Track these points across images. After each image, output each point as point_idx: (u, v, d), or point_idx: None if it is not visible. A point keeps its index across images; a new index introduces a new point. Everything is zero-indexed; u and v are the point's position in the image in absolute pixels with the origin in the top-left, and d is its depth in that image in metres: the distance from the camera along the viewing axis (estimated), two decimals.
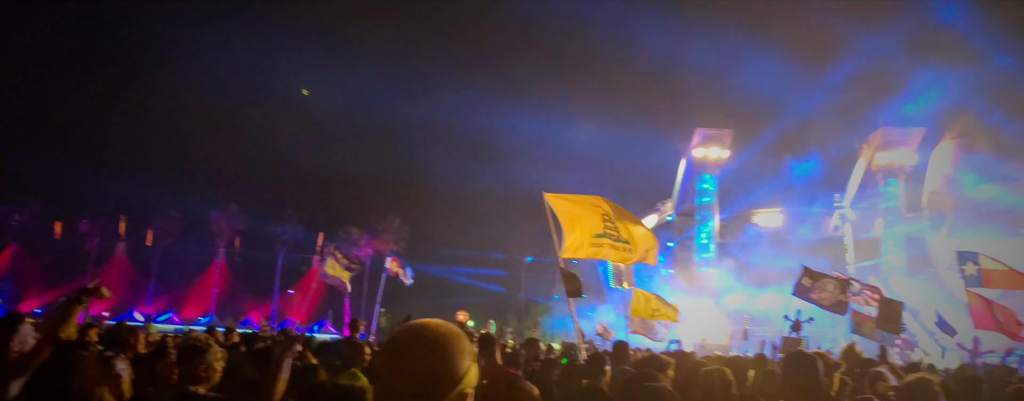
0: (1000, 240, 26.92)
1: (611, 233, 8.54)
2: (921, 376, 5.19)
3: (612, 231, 8.52)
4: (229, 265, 41.62)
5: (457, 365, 1.47)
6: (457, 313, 29.06)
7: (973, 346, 14.08)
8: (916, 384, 4.94)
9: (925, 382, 4.84)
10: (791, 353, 3.92)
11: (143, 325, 14.36)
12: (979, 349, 13.89)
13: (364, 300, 38.87)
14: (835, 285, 12.36)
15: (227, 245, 41.48)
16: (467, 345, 1.51)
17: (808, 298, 12.38)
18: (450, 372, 1.46)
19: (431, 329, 1.51)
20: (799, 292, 12.47)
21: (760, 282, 28.87)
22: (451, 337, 1.50)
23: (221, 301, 39.73)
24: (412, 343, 1.48)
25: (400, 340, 1.50)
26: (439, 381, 1.44)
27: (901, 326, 11.58)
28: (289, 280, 41.66)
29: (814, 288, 12.41)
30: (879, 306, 11.43)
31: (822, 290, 12.40)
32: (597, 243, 8.44)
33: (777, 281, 26.41)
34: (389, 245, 38.92)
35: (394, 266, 25.93)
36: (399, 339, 1.51)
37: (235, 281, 41.07)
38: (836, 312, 12.36)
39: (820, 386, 3.57)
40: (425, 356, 1.46)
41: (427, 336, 1.48)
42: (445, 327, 1.52)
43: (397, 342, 1.50)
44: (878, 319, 11.43)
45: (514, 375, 5.18)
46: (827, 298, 12.31)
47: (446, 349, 1.47)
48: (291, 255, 41.61)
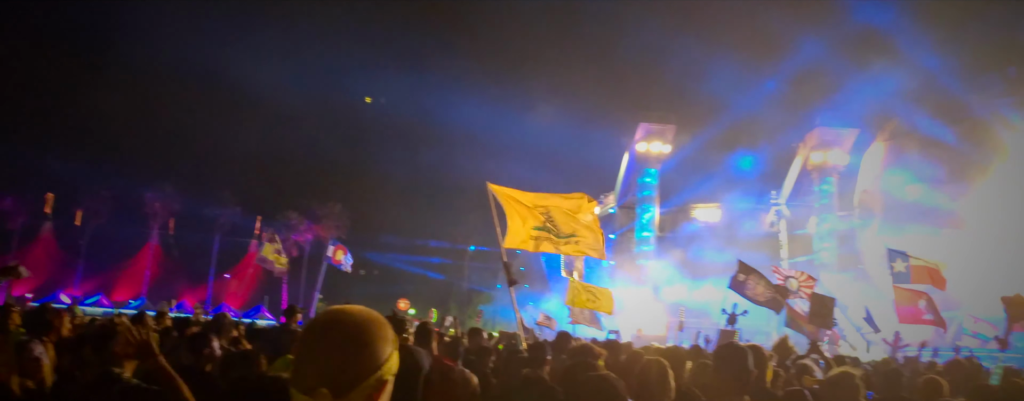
0: (923, 238, 28.15)
1: (550, 228, 8.60)
2: (844, 369, 5.43)
3: (552, 227, 8.58)
4: (163, 247, 40.46)
5: (376, 352, 1.45)
6: (398, 301, 28.92)
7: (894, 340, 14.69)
8: (839, 377, 5.18)
9: (847, 376, 5.08)
10: (723, 345, 4.01)
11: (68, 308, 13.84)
12: (900, 343, 14.50)
13: (303, 287, 38.31)
14: (768, 284, 12.71)
15: (161, 227, 40.31)
16: (388, 332, 1.49)
17: (743, 293, 12.69)
18: (368, 359, 1.43)
19: (350, 315, 1.48)
20: (734, 286, 12.77)
21: (698, 275, 29.55)
22: (371, 323, 1.47)
23: (154, 284, 38.64)
24: (329, 329, 1.45)
25: (317, 326, 1.47)
26: (356, 368, 1.42)
27: (832, 321, 11.95)
28: (225, 264, 40.75)
29: (748, 283, 12.73)
30: (811, 302, 11.79)
31: (756, 286, 12.74)
32: (536, 236, 8.50)
33: (714, 274, 27.03)
34: (330, 231, 38.40)
35: (338, 254, 25.52)
36: (316, 325, 1.48)
37: (169, 264, 39.96)
38: (770, 308, 12.72)
39: (749, 377, 3.65)
40: (342, 342, 1.43)
41: (345, 322, 1.46)
42: (365, 313, 1.50)
43: (314, 328, 1.48)
44: (810, 314, 11.77)
45: (448, 366, 5.17)
46: (761, 294, 12.65)
47: (365, 335, 1.45)
48: (228, 239, 40.69)
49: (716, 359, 3.77)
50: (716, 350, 3.95)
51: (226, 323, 7.14)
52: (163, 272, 39.39)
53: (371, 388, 1.43)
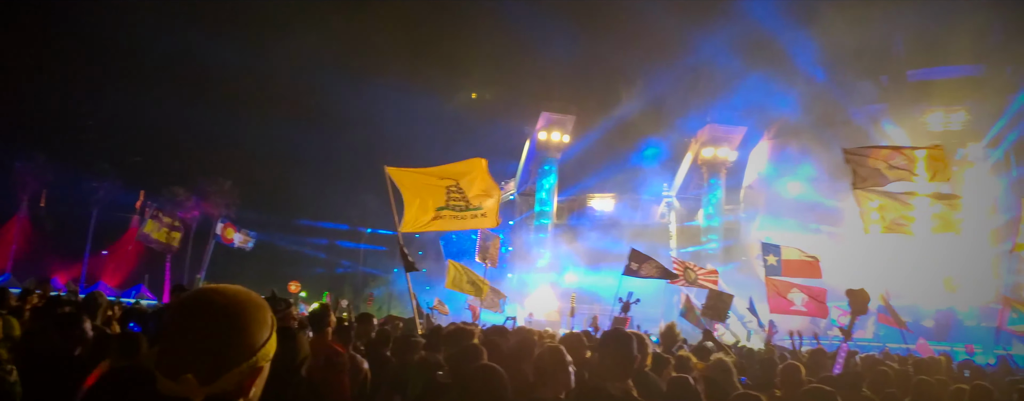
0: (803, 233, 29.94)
1: (457, 204, 8.61)
2: (719, 357, 5.83)
3: (458, 201, 8.59)
4: (33, 221, 37.70)
5: (252, 336, 1.36)
6: (289, 284, 28.16)
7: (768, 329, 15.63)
8: (715, 364, 5.57)
9: (722, 362, 5.48)
10: (608, 331, 4.13)
11: None
12: (774, 331, 15.43)
13: (188, 266, 36.66)
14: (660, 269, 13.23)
15: (31, 199, 37.53)
16: (266, 315, 1.41)
17: (637, 276, 13.14)
18: (242, 344, 1.34)
19: (224, 295, 1.38)
20: (628, 273, 13.20)
21: (592, 262, 30.30)
22: (246, 305, 1.38)
23: (21, 259, 35.98)
24: (200, 310, 1.35)
25: (187, 306, 1.37)
26: (228, 353, 1.33)
27: (726, 315, 12.55)
28: (104, 241, 38.42)
29: (641, 271, 13.20)
30: (709, 295, 12.30)
31: (649, 272, 13.24)
32: (439, 215, 8.49)
33: (608, 262, 27.79)
34: (219, 208, 36.87)
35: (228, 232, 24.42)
36: (186, 305, 1.38)
37: (39, 239, 37.26)
38: (665, 278, 13.24)
39: (633, 363, 3.79)
40: (214, 325, 1.34)
41: (218, 302, 1.36)
42: (241, 294, 1.41)
43: (184, 308, 1.37)
44: (705, 307, 12.29)
45: (335, 351, 5.09)
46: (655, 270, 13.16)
47: (239, 318, 1.36)
48: (107, 213, 38.35)
49: (602, 345, 3.88)
50: (602, 336, 4.07)
51: (100, 302, 6.69)
52: (32, 247, 36.72)
53: (243, 375, 1.35)
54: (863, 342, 21.55)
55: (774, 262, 15.12)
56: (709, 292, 12.49)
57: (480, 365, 3.96)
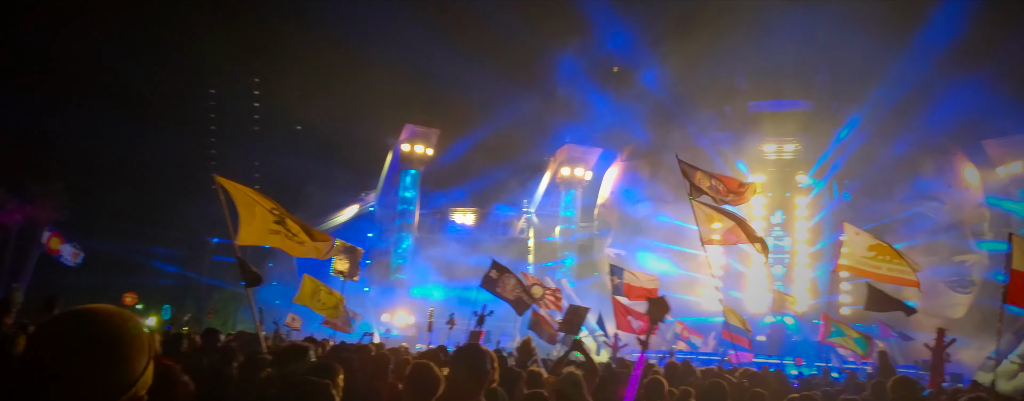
0: (649, 251, 31.51)
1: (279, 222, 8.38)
2: (571, 370, 6.02)
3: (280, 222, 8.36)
4: None
5: (131, 364, 1.18)
6: (124, 296, 26.18)
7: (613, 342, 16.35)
8: (567, 377, 5.73)
9: (573, 376, 5.65)
10: (462, 346, 4.15)
11: None
12: (618, 345, 16.15)
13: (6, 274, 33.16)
14: (517, 283, 13.42)
15: None
16: (144, 340, 1.24)
17: (493, 290, 13.26)
18: (121, 374, 1.16)
19: (98, 318, 1.19)
20: (486, 283, 13.30)
21: (453, 276, 30.33)
22: (125, 329, 1.21)
23: None
24: (72, 336, 1.16)
25: (52, 332, 1.18)
26: (106, 385, 1.15)
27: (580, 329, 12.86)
28: None
29: (499, 281, 13.33)
30: (567, 310, 12.55)
31: (506, 284, 13.38)
32: (274, 230, 8.23)
33: (468, 277, 27.92)
34: (47, 213, 33.65)
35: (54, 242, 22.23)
36: (54, 331, 1.18)
37: None
38: (516, 308, 13.42)
39: (486, 377, 3.82)
40: (89, 354, 1.15)
41: (91, 327, 1.17)
42: (117, 316, 1.22)
43: (51, 334, 1.17)
44: (563, 321, 12.55)
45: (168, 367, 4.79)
46: (511, 292, 13.32)
47: (117, 345, 1.18)
48: None
49: (454, 360, 3.89)
50: (456, 351, 4.07)
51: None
52: None
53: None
54: (705, 355, 22.89)
55: (617, 283, 15.89)
56: (569, 306, 12.84)
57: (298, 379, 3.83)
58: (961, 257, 28.00)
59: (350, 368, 6.20)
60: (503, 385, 5.92)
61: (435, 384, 3.86)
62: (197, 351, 7.80)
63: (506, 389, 5.90)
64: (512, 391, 6.08)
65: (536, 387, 6.19)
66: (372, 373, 6.59)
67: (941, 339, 10.78)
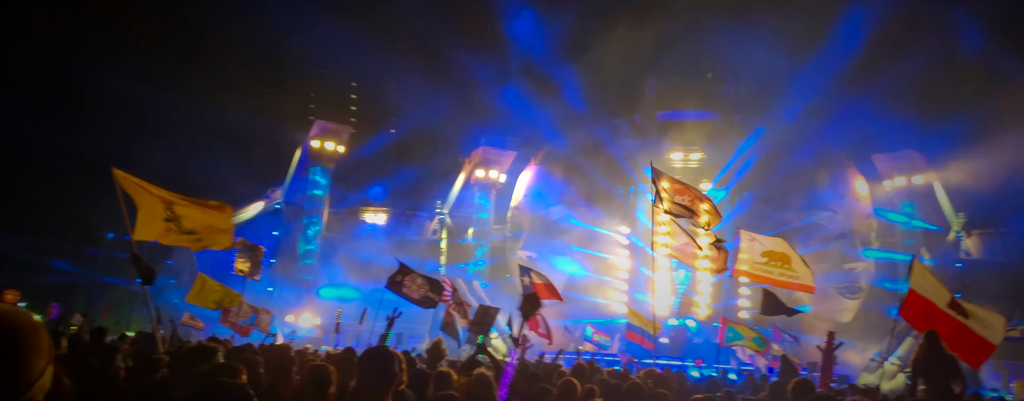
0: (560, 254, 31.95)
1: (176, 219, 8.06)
2: (481, 371, 6.03)
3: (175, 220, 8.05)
4: None
5: (27, 366, 1.10)
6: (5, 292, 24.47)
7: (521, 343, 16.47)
8: (478, 378, 5.73)
9: (484, 377, 5.66)
10: (370, 348, 4.08)
11: None
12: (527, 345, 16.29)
13: None
14: (424, 282, 13.34)
15: None
16: (42, 340, 1.15)
17: (399, 292, 13.13)
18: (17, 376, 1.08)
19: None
20: (391, 285, 13.16)
21: (362, 277, 29.80)
22: (22, 328, 1.12)
23: None
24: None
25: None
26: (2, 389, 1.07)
27: (491, 329, 12.90)
28: None
29: (405, 282, 13.22)
30: (478, 310, 12.54)
31: (412, 285, 13.28)
32: (171, 228, 7.90)
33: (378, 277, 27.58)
34: None
35: None
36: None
37: None
38: (423, 306, 13.36)
39: (394, 380, 3.77)
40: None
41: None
42: (12, 315, 1.14)
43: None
44: (473, 322, 12.53)
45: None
46: (416, 292, 13.22)
47: (13, 346, 1.09)
48: None
49: (362, 362, 3.82)
50: (364, 353, 4.00)
51: None
52: None
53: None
54: (610, 357, 23.35)
55: (527, 283, 16.04)
56: (479, 307, 12.84)
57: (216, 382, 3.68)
58: (850, 264, 29.67)
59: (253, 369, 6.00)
60: (412, 387, 5.86)
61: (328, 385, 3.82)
62: (84, 350, 7.39)
63: (415, 391, 5.84)
64: (421, 392, 6.02)
65: (446, 388, 6.15)
66: (275, 375, 6.40)
67: (831, 342, 11.36)
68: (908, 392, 9.82)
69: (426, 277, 13.44)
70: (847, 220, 30.80)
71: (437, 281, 13.66)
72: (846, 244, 30.05)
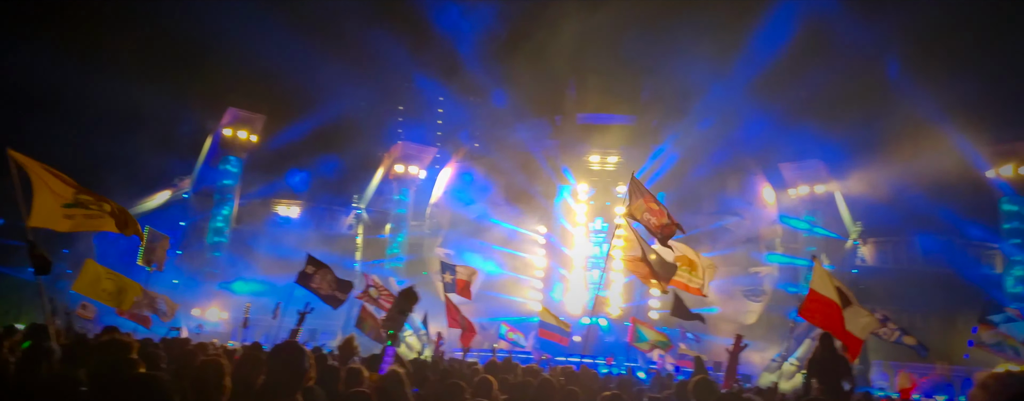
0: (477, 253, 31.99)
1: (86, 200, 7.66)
2: (394, 369, 5.98)
3: (87, 198, 7.65)
4: None
5: None
6: None
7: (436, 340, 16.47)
8: (390, 375, 5.70)
9: (395, 374, 5.63)
10: (280, 344, 3.99)
11: None
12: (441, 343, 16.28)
13: None
14: (334, 280, 13.10)
15: None
16: None
17: (308, 286, 12.87)
18: None
19: None
20: (301, 279, 12.88)
21: (273, 271, 28.99)
22: None
23: None
24: None
25: None
26: None
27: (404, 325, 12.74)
28: None
29: (315, 277, 12.96)
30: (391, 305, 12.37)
31: (322, 281, 13.03)
32: (69, 214, 7.49)
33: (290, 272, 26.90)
34: None
35: None
36: None
37: None
38: (329, 304, 13.13)
39: (302, 376, 3.70)
40: None
41: None
42: None
43: None
44: (386, 318, 12.37)
45: None
46: (325, 288, 12.98)
47: None
48: None
49: (272, 358, 3.74)
50: (273, 348, 3.90)
51: None
52: None
53: None
54: (523, 354, 23.55)
55: (450, 280, 15.99)
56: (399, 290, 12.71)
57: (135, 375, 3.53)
58: (756, 268, 30.89)
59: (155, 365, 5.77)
60: (321, 383, 5.77)
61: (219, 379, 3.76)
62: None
63: (325, 388, 5.75)
64: (331, 389, 5.93)
65: (356, 385, 6.07)
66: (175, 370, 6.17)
67: (738, 344, 11.80)
68: (804, 391, 10.33)
69: (336, 276, 13.21)
70: (754, 225, 32.06)
71: (346, 282, 13.43)
72: (752, 248, 31.25)
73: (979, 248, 30.44)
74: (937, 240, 30.19)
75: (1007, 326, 17.40)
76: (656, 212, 11.12)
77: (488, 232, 33.19)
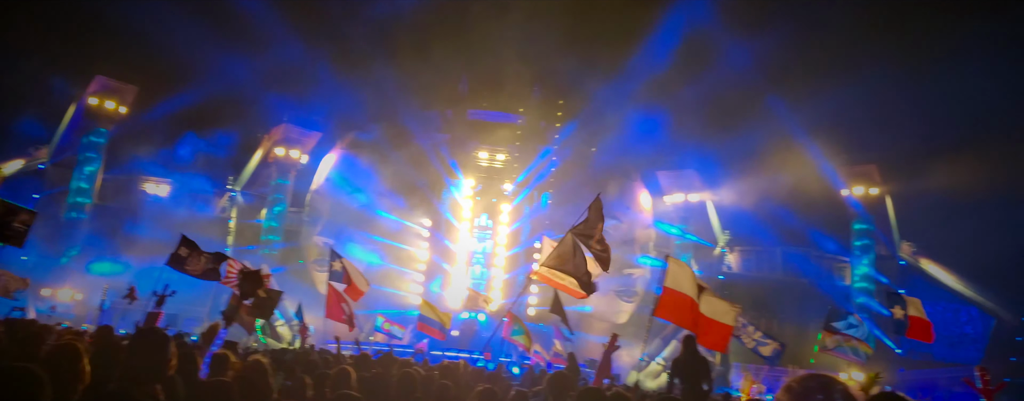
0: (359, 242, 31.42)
1: None
2: (257, 358, 5.87)
3: None
4: None
5: None
6: None
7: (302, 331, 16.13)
8: (252, 364, 5.60)
9: (259, 363, 5.54)
10: (143, 329, 3.77)
11: None
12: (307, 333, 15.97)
13: None
14: (209, 258, 12.60)
15: None
16: None
17: (182, 268, 12.34)
18: None
19: None
20: (173, 261, 12.32)
21: (137, 252, 27.30)
22: None
23: None
24: None
25: None
26: None
27: (272, 313, 12.39)
28: None
29: (190, 260, 12.42)
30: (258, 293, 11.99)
31: (197, 262, 12.52)
32: None
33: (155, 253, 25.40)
34: None
35: None
36: None
37: None
38: (206, 278, 12.66)
39: (165, 365, 3.52)
40: None
41: None
42: None
43: None
44: (253, 305, 11.98)
45: None
46: (201, 268, 12.47)
47: None
48: None
49: (132, 344, 3.53)
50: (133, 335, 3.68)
51: None
52: None
53: None
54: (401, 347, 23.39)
55: (339, 268, 15.56)
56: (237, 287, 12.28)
57: None
58: (630, 270, 32.04)
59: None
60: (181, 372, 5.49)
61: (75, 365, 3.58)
62: None
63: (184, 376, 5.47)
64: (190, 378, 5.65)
65: (221, 372, 5.86)
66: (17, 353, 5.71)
67: (613, 342, 12.19)
68: (667, 390, 10.83)
69: (210, 255, 12.66)
70: (631, 229, 33.25)
71: (220, 254, 12.90)
72: (627, 251, 32.37)
73: (832, 261, 32.92)
74: (796, 252, 32.42)
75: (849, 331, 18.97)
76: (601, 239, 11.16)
77: (371, 222, 32.68)
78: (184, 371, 5.59)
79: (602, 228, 10.96)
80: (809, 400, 2.71)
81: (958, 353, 30.40)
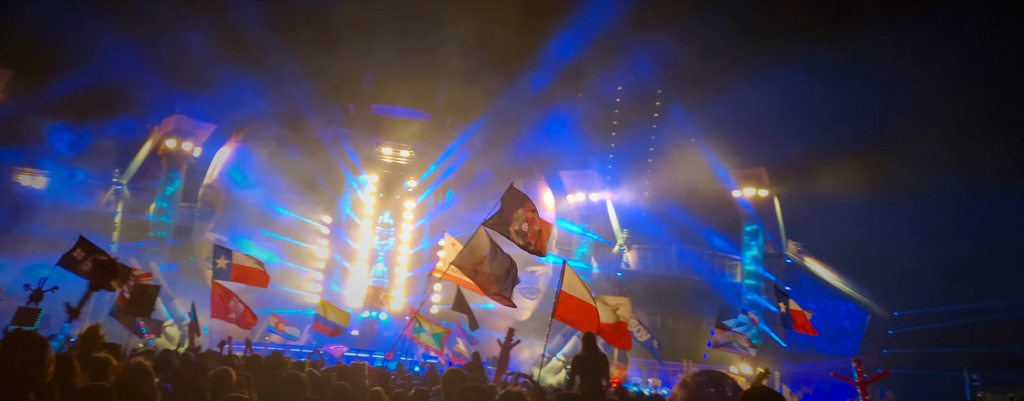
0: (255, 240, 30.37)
1: None
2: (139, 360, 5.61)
3: None
4: None
5: None
6: None
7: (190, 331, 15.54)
8: (135, 367, 5.35)
9: (141, 365, 5.31)
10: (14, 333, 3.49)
11: None
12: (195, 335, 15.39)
13: None
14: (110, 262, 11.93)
15: None
16: None
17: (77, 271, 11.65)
18: None
19: None
20: (66, 262, 11.60)
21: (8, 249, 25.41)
22: None
23: None
24: None
25: None
26: None
27: (151, 309, 11.84)
28: None
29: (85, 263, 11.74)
30: (134, 290, 11.43)
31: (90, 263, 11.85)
32: None
33: (31, 250, 23.80)
34: None
35: None
36: None
37: None
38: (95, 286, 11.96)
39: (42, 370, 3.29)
40: None
41: None
42: None
43: None
44: (130, 302, 11.44)
45: None
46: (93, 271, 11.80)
47: None
48: None
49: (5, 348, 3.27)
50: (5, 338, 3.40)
51: None
52: None
53: None
54: (297, 348, 22.82)
55: (224, 266, 14.99)
56: (136, 287, 11.69)
57: None
58: (532, 267, 32.38)
59: None
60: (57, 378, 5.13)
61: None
62: None
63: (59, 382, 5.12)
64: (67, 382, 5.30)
65: (101, 376, 5.53)
66: None
67: (510, 338, 12.30)
68: (567, 386, 11.02)
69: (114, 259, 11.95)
70: None
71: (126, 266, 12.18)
72: None
73: (724, 259, 34.43)
74: (690, 250, 33.74)
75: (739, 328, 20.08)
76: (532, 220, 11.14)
77: (267, 219, 31.65)
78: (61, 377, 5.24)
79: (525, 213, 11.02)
80: (702, 393, 2.87)
81: (837, 346, 32.51)
